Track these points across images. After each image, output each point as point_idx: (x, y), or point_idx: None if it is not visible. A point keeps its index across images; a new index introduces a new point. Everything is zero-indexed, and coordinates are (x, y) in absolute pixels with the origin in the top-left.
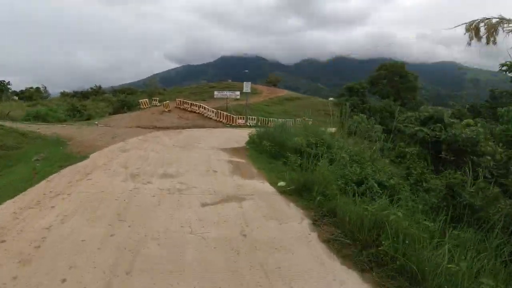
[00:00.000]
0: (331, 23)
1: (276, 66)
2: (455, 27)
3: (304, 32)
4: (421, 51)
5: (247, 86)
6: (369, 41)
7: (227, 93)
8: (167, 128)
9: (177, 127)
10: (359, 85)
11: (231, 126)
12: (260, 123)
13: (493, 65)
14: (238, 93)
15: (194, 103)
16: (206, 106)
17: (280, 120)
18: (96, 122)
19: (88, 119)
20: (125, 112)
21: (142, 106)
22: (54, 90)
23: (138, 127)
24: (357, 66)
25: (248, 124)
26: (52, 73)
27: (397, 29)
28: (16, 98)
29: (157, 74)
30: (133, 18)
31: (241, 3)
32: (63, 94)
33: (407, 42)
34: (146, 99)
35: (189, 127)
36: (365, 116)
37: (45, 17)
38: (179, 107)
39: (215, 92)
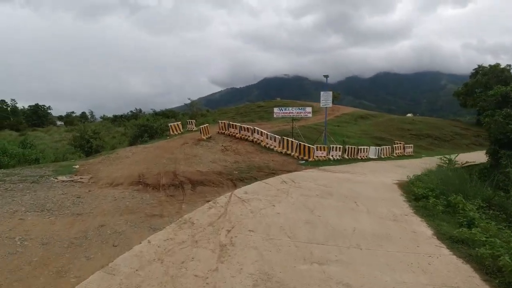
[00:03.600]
0: (372, 39)
1: (319, 85)
2: None
3: (345, 50)
4: (469, 62)
5: (326, 98)
6: (413, 55)
7: (293, 110)
8: (199, 182)
9: (218, 177)
10: None
11: (308, 163)
12: (348, 154)
13: None
14: (309, 109)
15: (245, 126)
16: (263, 131)
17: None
18: (76, 166)
19: (97, 151)
20: (146, 142)
21: (171, 132)
22: (106, 115)
23: (140, 182)
24: (402, 80)
25: (330, 157)
26: (105, 99)
27: (441, 41)
28: (61, 123)
29: (202, 97)
30: (178, 45)
31: (281, 26)
32: (104, 119)
33: (453, 53)
34: (179, 123)
35: (243, 176)
36: None
37: (97, 47)
38: (223, 133)
39: (276, 110)
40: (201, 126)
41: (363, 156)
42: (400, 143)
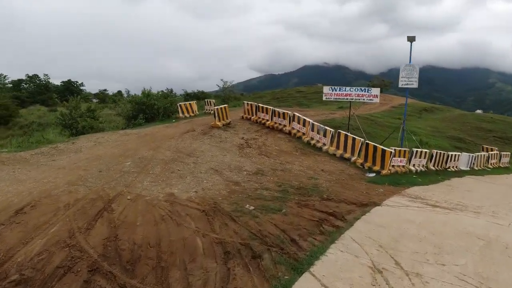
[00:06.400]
0: (417, 30)
1: (360, 75)
2: None
3: (389, 40)
4: None
5: (409, 74)
6: (461, 49)
7: (352, 92)
8: None
9: (197, 235)
10: None
11: (384, 179)
12: (434, 163)
13: None
14: (377, 91)
15: (279, 110)
16: (306, 119)
17: None
18: None
19: (83, 133)
20: (140, 125)
21: (181, 114)
22: (136, 94)
23: None
24: (448, 75)
25: (411, 167)
26: (146, 82)
27: (490, 36)
28: (96, 100)
29: (240, 82)
30: (220, 31)
31: (325, 14)
32: (132, 97)
33: (503, 50)
34: (192, 103)
35: (264, 230)
36: None
37: (140, 31)
38: (249, 118)
39: (326, 90)
40: (216, 107)
41: (453, 167)
42: (494, 149)
